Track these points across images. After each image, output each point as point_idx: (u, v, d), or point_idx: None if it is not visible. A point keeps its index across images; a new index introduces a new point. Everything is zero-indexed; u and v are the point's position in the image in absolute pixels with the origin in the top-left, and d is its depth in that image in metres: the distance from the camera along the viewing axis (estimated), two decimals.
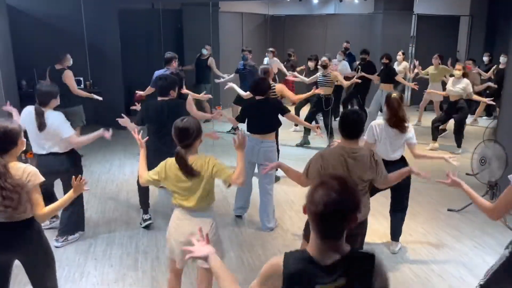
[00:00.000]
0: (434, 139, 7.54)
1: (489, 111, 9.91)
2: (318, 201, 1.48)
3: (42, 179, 2.66)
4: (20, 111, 4.15)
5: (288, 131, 8.48)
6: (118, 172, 6.41)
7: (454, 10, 11.63)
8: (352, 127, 2.92)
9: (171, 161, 2.82)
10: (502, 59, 8.68)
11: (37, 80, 7.77)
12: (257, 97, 4.54)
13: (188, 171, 2.74)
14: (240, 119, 4.67)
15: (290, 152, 7.07)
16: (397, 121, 3.82)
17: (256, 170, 4.75)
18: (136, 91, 6.77)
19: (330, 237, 1.53)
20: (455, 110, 7.21)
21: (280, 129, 7.69)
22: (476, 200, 2.64)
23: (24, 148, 2.76)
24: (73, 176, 2.80)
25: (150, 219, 4.62)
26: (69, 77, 6.24)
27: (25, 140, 2.76)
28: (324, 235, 1.53)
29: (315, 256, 1.54)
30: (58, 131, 3.95)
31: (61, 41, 8.03)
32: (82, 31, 8.43)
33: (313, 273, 1.52)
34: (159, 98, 4.33)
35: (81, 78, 8.36)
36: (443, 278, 3.79)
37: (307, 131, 7.72)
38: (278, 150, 5.33)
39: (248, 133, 4.49)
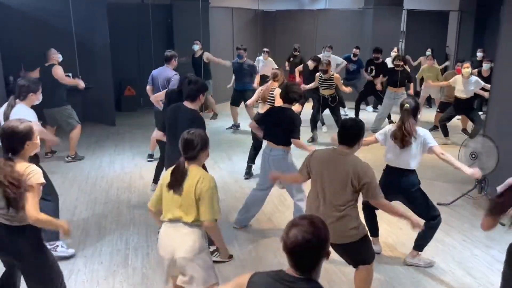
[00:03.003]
0: (446, 135, 7.68)
1: (480, 106, 10.00)
2: (290, 240, 1.67)
3: (43, 180, 2.55)
4: None
5: (320, 132, 8.28)
6: (108, 169, 6.36)
7: (443, 5, 11.70)
8: (346, 133, 2.97)
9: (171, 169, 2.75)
10: (479, 54, 8.88)
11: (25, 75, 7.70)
12: (283, 105, 4.35)
13: (175, 183, 2.66)
14: (258, 122, 4.52)
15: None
16: (399, 134, 3.60)
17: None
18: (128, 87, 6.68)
19: (302, 270, 1.71)
20: (468, 108, 7.28)
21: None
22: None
23: (37, 150, 2.71)
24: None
25: None
26: (57, 71, 6.14)
27: (37, 142, 2.67)
28: (297, 268, 1.71)
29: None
30: None
31: (49, 36, 7.93)
32: (71, 26, 8.31)
33: None
34: (187, 105, 3.83)
35: (70, 74, 8.23)
36: (433, 272, 3.82)
37: (314, 128, 7.81)
38: None
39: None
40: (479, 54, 9.70)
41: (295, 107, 5.03)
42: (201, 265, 2.69)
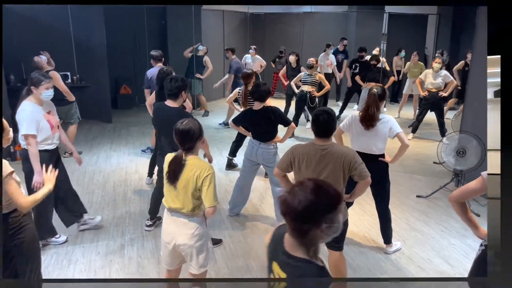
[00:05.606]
0: (414, 132, 8.07)
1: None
2: (287, 200, 1.51)
3: (10, 169, 2.50)
4: (9, 106, 4.08)
5: (304, 129, 8.34)
6: (104, 164, 6.47)
7: (422, 9, 12.09)
8: (323, 126, 2.96)
9: (170, 157, 2.75)
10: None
11: (25, 74, 7.75)
12: (259, 104, 4.41)
13: (171, 174, 2.67)
14: (236, 122, 4.64)
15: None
16: (365, 116, 3.76)
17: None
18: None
19: (293, 236, 1.58)
20: (435, 101, 7.60)
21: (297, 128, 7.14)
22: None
23: (8, 143, 2.70)
24: (44, 169, 2.78)
25: (151, 225, 4.50)
26: (56, 79, 5.89)
27: (9, 137, 2.67)
28: (290, 231, 1.59)
29: (286, 240, 1.64)
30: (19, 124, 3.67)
31: (48, 36, 8.02)
32: (68, 26, 8.44)
33: (279, 250, 1.66)
34: (169, 104, 3.84)
35: (68, 73, 8.41)
36: (412, 260, 4.00)
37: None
38: None
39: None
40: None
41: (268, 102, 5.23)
42: (200, 250, 2.79)
